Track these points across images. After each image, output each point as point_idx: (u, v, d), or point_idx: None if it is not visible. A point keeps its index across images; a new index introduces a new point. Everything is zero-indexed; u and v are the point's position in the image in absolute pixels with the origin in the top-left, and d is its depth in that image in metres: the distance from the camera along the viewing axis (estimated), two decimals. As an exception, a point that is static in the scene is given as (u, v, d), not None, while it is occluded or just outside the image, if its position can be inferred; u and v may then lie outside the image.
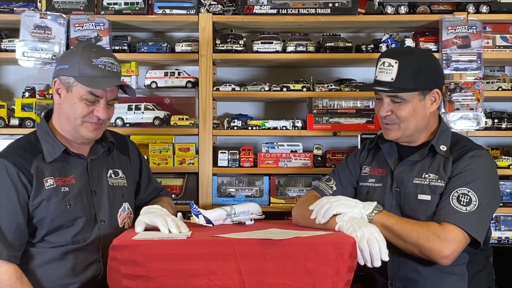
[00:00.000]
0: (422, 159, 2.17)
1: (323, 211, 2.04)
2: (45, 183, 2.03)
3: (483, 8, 2.92)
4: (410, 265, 2.12)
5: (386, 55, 2.18)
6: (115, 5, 2.99)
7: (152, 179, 2.46)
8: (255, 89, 3.07)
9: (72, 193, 2.08)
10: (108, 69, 2.07)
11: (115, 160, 2.28)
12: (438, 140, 2.17)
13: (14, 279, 1.94)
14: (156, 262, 1.78)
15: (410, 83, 2.10)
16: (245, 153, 3.05)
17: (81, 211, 2.09)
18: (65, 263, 2.04)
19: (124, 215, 2.21)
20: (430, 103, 2.16)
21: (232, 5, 3.00)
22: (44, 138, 2.11)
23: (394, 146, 2.27)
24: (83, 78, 2.04)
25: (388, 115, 2.16)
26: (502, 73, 3.25)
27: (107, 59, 2.08)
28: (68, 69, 2.06)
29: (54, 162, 2.08)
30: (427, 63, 2.16)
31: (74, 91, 2.06)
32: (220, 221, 2.19)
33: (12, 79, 3.35)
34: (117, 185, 2.23)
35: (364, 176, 2.32)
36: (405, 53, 2.17)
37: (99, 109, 2.08)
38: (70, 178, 2.10)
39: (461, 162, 2.10)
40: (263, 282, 1.79)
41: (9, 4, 2.98)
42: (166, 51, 3.06)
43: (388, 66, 2.13)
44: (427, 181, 2.13)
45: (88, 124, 2.09)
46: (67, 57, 2.12)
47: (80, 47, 2.11)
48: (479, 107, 2.89)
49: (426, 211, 2.11)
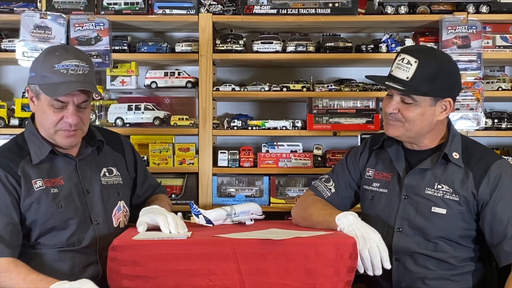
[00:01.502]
0: (433, 167, 2.08)
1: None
2: (33, 184, 2.02)
3: (483, 8, 2.92)
4: (416, 274, 2.08)
5: (407, 52, 2.06)
6: (115, 5, 2.98)
7: (148, 176, 2.44)
8: (255, 89, 3.07)
9: (62, 194, 2.06)
10: (71, 73, 1.98)
11: (109, 158, 2.25)
12: (451, 147, 2.08)
13: (12, 266, 1.90)
14: (156, 262, 1.78)
15: (425, 86, 1.99)
16: (245, 153, 3.05)
17: (73, 212, 2.07)
18: (62, 266, 2.03)
19: (119, 214, 2.19)
20: (440, 111, 2.06)
21: (232, 5, 3.00)
22: (31, 139, 2.09)
23: (400, 150, 2.17)
24: (45, 86, 1.98)
25: (395, 113, 2.06)
26: (502, 73, 3.25)
27: (70, 62, 1.99)
28: (34, 77, 2.03)
29: (41, 164, 2.06)
30: (447, 69, 2.05)
31: (42, 99, 2.02)
32: (220, 221, 2.19)
33: (12, 79, 3.35)
34: (111, 183, 2.21)
35: (368, 179, 2.23)
36: (427, 54, 2.04)
37: (68, 115, 2.01)
38: (59, 179, 2.08)
39: (491, 182, 2.02)
40: (263, 282, 1.79)
41: (9, 4, 2.98)
42: (166, 51, 3.06)
43: (406, 64, 2.01)
44: (440, 193, 2.06)
45: (61, 131, 2.04)
46: (33, 64, 2.07)
47: (43, 52, 2.06)
48: (479, 107, 2.89)
49: (439, 225, 2.04)
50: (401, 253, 2.09)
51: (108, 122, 3.03)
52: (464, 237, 2.07)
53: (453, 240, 2.06)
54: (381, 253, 1.87)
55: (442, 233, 2.05)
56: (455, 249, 2.07)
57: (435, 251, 2.06)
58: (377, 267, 1.87)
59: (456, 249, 2.07)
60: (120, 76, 3.07)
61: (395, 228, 2.10)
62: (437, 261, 2.07)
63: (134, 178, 2.36)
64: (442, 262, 2.06)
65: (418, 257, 2.08)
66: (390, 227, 2.11)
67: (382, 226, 2.11)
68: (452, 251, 2.06)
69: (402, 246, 2.08)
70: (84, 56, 2.07)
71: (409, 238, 2.08)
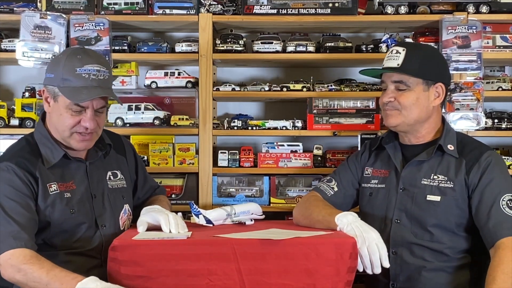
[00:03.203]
0: (429, 158, 2.16)
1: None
2: (49, 188, 2.00)
3: (483, 8, 2.92)
4: (413, 266, 2.12)
5: (395, 45, 2.23)
6: (115, 5, 2.98)
7: (148, 178, 2.44)
8: (255, 89, 3.07)
9: (74, 199, 2.05)
10: (93, 78, 1.98)
11: (113, 162, 2.24)
12: (445, 140, 2.17)
13: (35, 259, 1.86)
14: (156, 263, 1.78)
15: (415, 68, 2.13)
16: (245, 153, 3.05)
17: (84, 217, 2.06)
18: (66, 268, 2.02)
19: (125, 218, 2.20)
20: (434, 97, 2.17)
21: (232, 5, 2.99)
22: (43, 142, 2.07)
23: (398, 146, 2.27)
24: (66, 89, 1.97)
25: (391, 101, 2.17)
26: (502, 73, 3.25)
27: (92, 66, 1.98)
28: (53, 79, 2.00)
29: (54, 167, 2.04)
30: (433, 55, 2.22)
31: (60, 101, 2.00)
32: (220, 221, 2.19)
33: (12, 79, 3.34)
34: (116, 187, 2.21)
35: (367, 178, 2.31)
36: (414, 44, 2.32)
37: (86, 119, 2.00)
38: (71, 184, 2.07)
39: (481, 168, 2.09)
40: (263, 282, 1.79)
41: (9, 4, 2.98)
42: (166, 51, 3.06)
43: (395, 53, 2.17)
44: (436, 182, 2.13)
45: (76, 135, 2.03)
46: (53, 65, 2.05)
47: (65, 54, 2.04)
48: (479, 107, 2.89)
49: (435, 212, 2.10)
50: (398, 245, 2.14)
51: (108, 122, 3.02)
52: (460, 225, 2.11)
53: (449, 229, 2.10)
54: (380, 251, 1.89)
55: (437, 221, 2.10)
56: (452, 239, 2.11)
57: (431, 241, 2.11)
58: (376, 266, 1.88)
59: (453, 239, 2.11)
60: (120, 76, 3.06)
61: (393, 219, 2.16)
62: (434, 252, 2.10)
63: (135, 181, 2.36)
64: (438, 253, 2.10)
65: (415, 248, 2.12)
66: (388, 220, 2.17)
67: (381, 219, 2.18)
68: (449, 241, 2.10)
69: (400, 236, 2.13)
70: (105, 61, 2.06)
71: (407, 228, 2.14)
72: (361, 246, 1.88)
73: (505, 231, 1.98)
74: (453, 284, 2.10)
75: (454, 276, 2.11)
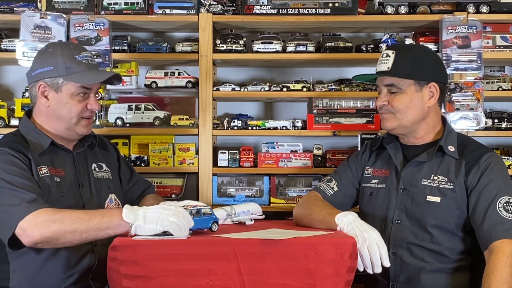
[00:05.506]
0: (430, 159, 2.16)
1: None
2: (39, 170, 2.05)
3: (483, 8, 2.92)
4: (412, 267, 2.12)
5: (386, 49, 2.25)
6: (115, 5, 2.98)
7: (134, 173, 2.48)
8: (255, 89, 3.07)
9: (63, 184, 2.10)
10: (91, 63, 2.14)
11: (98, 155, 2.32)
12: (446, 141, 2.17)
13: (57, 211, 1.88)
14: (156, 262, 1.77)
15: (405, 70, 2.13)
16: (245, 153, 3.05)
17: (73, 201, 2.11)
18: (59, 257, 2.05)
19: (111, 206, 2.23)
20: (428, 97, 2.17)
21: (232, 5, 3.00)
22: (29, 133, 2.13)
23: (398, 146, 2.27)
24: (74, 76, 2.08)
25: (385, 105, 2.18)
26: (502, 73, 3.25)
27: (86, 53, 2.15)
28: (53, 71, 2.09)
29: (44, 154, 2.10)
30: (423, 55, 2.22)
31: (64, 91, 2.09)
32: (220, 221, 2.19)
33: (12, 79, 3.35)
34: (102, 177, 2.27)
35: (367, 177, 2.31)
36: (404, 46, 2.34)
37: (91, 102, 2.14)
38: (60, 170, 2.13)
39: (481, 169, 2.09)
40: (263, 282, 1.79)
41: (9, 4, 2.98)
42: (166, 51, 3.06)
43: (385, 57, 2.19)
44: (436, 183, 2.13)
45: (83, 120, 2.14)
46: (47, 59, 2.12)
47: (56, 47, 2.14)
48: (479, 107, 2.89)
49: (434, 213, 2.10)
50: (398, 245, 2.14)
51: (108, 122, 3.03)
52: (460, 227, 2.11)
53: (449, 231, 2.11)
54: (380, 251, 1.88)
55: (437, 221, 2.10)
56: (451, 240, 2.11)
57: (431, 242, 2.11)
58: (376, 265, 1.88)
59: (452, 240, 2.11)
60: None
61: (393, 220, 2.16)
62: (433, 253, 2.11)
63: (117, 171, 2.40)
64: (438, 254, 2.11)
65: (414, 248, 2.12)
66: (389, 220, 2.17)
67: (381, 219, 2.18)
68: (448, 243, 2.11)
69: (400, 237, 2.14)
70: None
71: (407, 229, 2.14)
72: (361, 246, 1.88)
73: (499, 233, 1.98)
74: (453, 285, 2.10)
75: (454, 277, 2.11)
